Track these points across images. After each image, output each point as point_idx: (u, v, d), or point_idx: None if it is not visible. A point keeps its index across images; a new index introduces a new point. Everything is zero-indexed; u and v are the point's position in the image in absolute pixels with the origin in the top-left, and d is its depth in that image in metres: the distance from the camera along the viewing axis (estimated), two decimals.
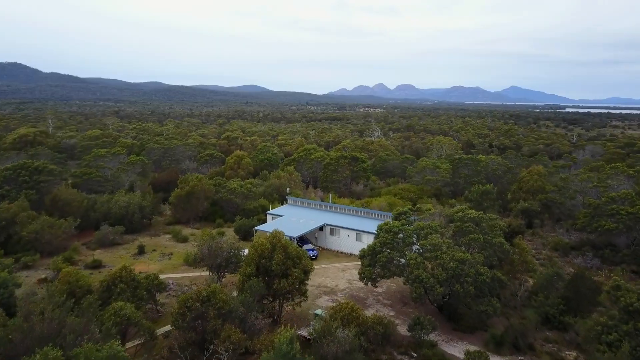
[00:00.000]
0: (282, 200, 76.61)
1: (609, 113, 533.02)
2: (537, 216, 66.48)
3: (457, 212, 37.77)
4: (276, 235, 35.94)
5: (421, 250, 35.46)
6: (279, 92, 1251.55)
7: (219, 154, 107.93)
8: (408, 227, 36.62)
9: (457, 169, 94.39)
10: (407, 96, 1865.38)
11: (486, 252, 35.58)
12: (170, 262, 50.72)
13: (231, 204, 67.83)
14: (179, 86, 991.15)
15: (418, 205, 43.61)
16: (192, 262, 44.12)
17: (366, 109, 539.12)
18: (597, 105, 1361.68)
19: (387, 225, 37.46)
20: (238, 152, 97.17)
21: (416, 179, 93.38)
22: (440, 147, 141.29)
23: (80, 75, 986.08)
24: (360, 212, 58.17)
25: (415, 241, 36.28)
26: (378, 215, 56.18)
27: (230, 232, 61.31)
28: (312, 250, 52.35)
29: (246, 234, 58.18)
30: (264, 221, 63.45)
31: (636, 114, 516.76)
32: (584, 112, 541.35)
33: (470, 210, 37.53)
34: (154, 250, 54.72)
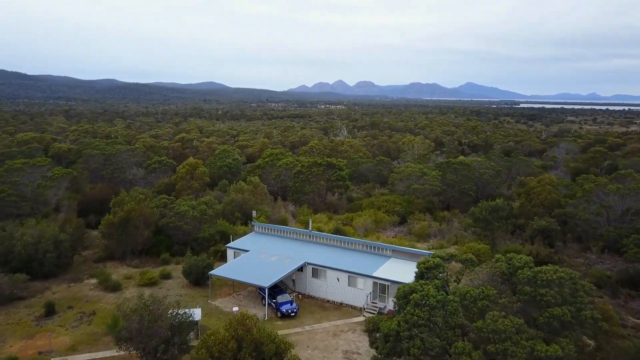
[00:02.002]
0: (246, 221, 62.44)
1: (562, 109, 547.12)
2: (557, 236, 55.05)
3: (521, 267, 24.85)
4: (243, 321, 21.95)
5: (471, 333, 22.43)
6: (238, 88, 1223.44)
7: (170, 160, 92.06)
8: (451, 298, 23.39)
9: (444, 174, 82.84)
10: (367, 92, 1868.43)
11: (573, 335, 22.92)
12: (89, 330, 35.64)
13: (181, 231, 53.00)
14: (134, 83, 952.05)
15: (451, 251, 30.40)
16: (117, 340, 29.65)
17: (327, 106, 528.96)
18: (548, 100, 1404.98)
19: (415, 292, 24.07)
20: (191, 159, 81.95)
21: (400, 187, 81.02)
22: (412, 146, 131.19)
23: (29, 72, 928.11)
24: (352, 243, 44.63)
25: (464, 320, 23.14)
26: (376, 249, 42.84)
27: (178, 272, 46.66)
28: (290, 303, 38.41)
29: (199, 278, 43.61)
30: (224, 255, 49.19)
31: (587, 109, 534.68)
32: (539, 108, 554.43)
33: (547, 267, 24.59)
34: (70, 307, 39.38)
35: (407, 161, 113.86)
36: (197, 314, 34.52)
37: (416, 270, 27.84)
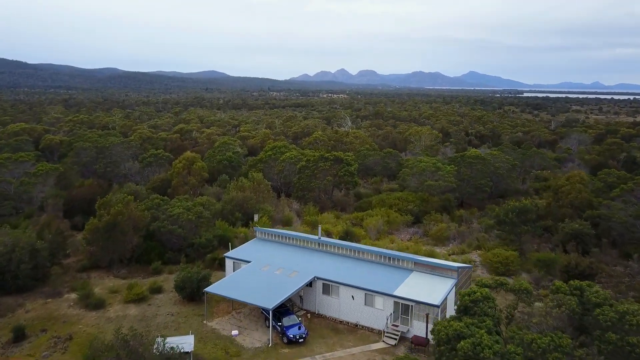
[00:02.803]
0: (247, 221, 57.24)
1: (566, 98, 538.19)
2: (591, 241, 49.61)
3: (599, 305, 19.45)
4: None
5: None
6: (240, 77, 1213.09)
7: (166, 154, 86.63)
8: (512, 348, 18.02)
9: (459, 169, 77.40)
10: (369, 82, 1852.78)
11: None
12: None
13: (174, 236, 47.67)
14: (135, 72, 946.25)
15: (500, 278, 24.93)
16: None
17: (330, 95, 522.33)
18: (552, 90, 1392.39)
19: (464, 338, 18.71)
20: (188, 153, 76.42)
21: (413, 183, 75.52)
22: (419, 137, 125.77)
23: (30, 61, 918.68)
24: (369, 254, 39.22)
25: None
26: (396, 260, 37.50)
27: (171, 284, 41.27)
28: (298, 327, 33.09)
29: (193, 294, 38.38)
30: (222, 263, 43.93)
31: (592, 99, 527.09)
32: (543, 97, 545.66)
33: (633, 304, 19.24)
34: (44, 330, 34.17)
35: (415, 153, 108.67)
36: (189, 342, 29.34)
37: (458, 303, 22.48)
